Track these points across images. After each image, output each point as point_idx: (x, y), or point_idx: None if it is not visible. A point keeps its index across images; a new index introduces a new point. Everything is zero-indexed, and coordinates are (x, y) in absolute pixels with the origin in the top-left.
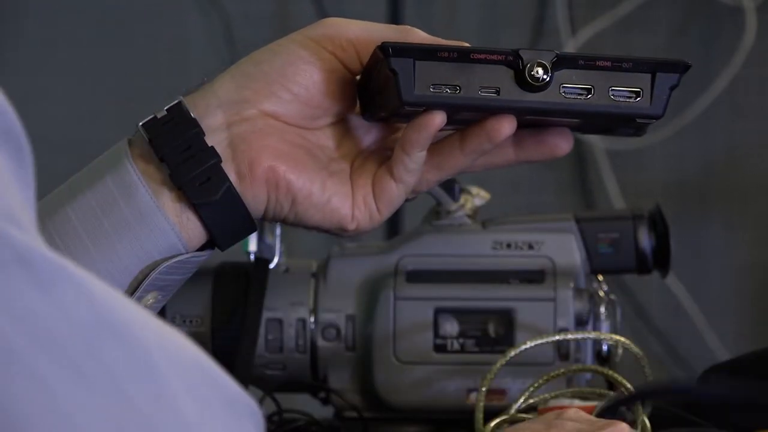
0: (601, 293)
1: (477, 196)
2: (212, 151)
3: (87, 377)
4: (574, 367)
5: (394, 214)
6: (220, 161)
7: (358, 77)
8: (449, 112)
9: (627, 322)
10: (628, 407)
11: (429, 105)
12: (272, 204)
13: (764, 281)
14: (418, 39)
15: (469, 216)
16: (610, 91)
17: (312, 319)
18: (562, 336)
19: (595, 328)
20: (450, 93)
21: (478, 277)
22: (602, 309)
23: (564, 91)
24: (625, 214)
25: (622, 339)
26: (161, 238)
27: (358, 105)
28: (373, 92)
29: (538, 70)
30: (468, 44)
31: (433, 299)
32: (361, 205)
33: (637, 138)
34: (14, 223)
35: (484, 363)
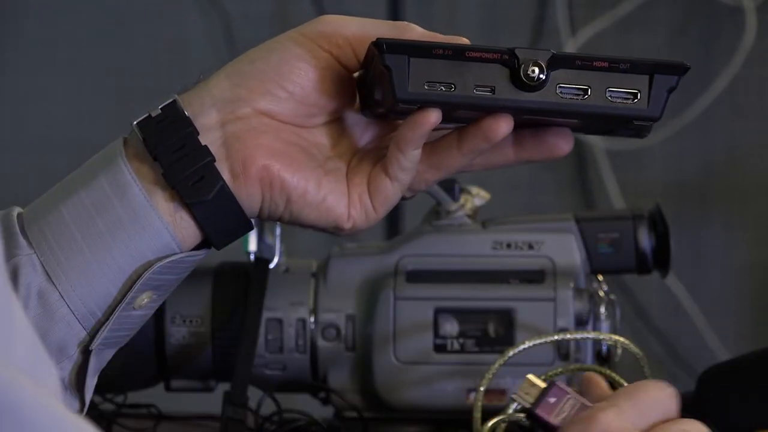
0: (601, 293)
1: (477, 196)
2: (206, 150)
3: None
4: (573, 366)
5: (394, 214)
6: (214, 160)
7: (356, 74)
8: (444, 110)
9: (627, 322)
10: None
11: (423, 102)
12: (267, 203)
13: (764, 281)
14: (415, 35)
15: (469, 216)
16: (607, 91)
17: (312, 319)
18: (562, 336)
19: (595, 328)
20: (445, 91)
21: (478, 277)
22: (602, 309)
23: (560, 91)
24: (625, 214)
25: (621, 339)
26: (155, 237)
27: (357, 102)
28: (370, 89)
29: (534, 69)
30: (466, 41)
31: (433, 299)
32: (356, 203)
33: (639, 138)
34: None
35: (484, 363)
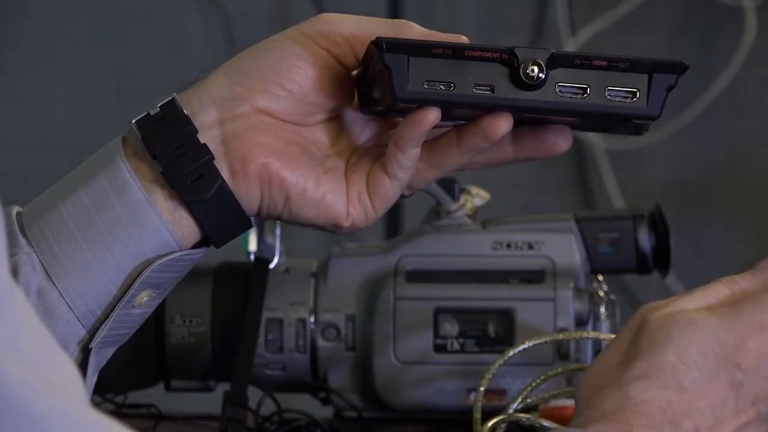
0: (601, 293)
1: (477, 196)
2: (205, 149)
3: None
4: (573, 366)
5: (394, 214)
6: (213, 159)
7: (355, 72)
8: (444, 109)
9: (627, 322)
10: None
11: (422, 101)
12: (266, 201)
13: None
14: (414, 33)
15: (469, 216)
16: (606, 90)
17: (312, 319)
18: (562, 336)
19: (595, 328)
20: (444, 90)
21: (478, 277)
22: (602, 309)
23: (559, 90)
24: (625, 214)
25: None
26: (154, 235)
27: (355, 100)
28: (369, 87)
29: (533, 68)
30: (465, 39)
31: (433, 299)
32: (355, 201)
33: (638, 138)
34: None
35: (484, 363)
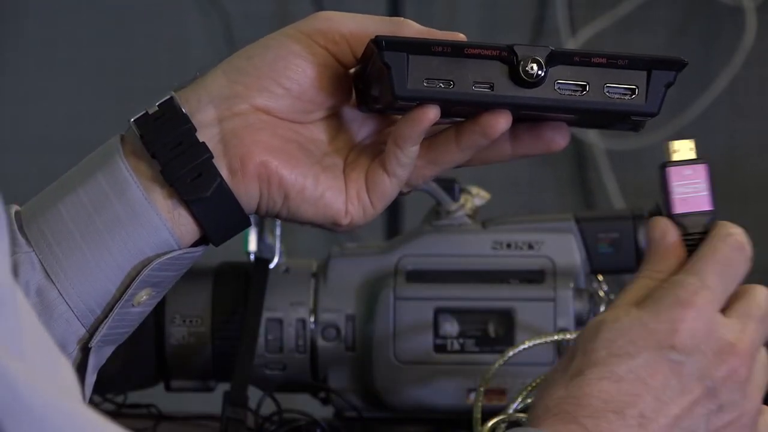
0: (601, 293)
1: (477, 196)
2: (204, 147)
3: None
4: None
5: (394, 214)
6: (212, 157)
7: (353, 70)
8: (443, 107)
9: None
10: None
11: (422, 99)
12: (265, 199)
13: (764, 281)
14: (412, 31)
15: (469, 216)
16: (605, 87)
17: (312, 319)
18: (562, 336)
19: None
20: (443, 88)
21: (478, 277)
22: (602, 309)
23: (558, 88)
24: (625, 214)
25: None
26: (153, 234)
27: (353, 98)
28: (368, 85)
29: (533, 66)
30: (463, 37)
31: (433, 299)
32: (354, 199)
33: (638, 138)
34: None
35: (484, 363)
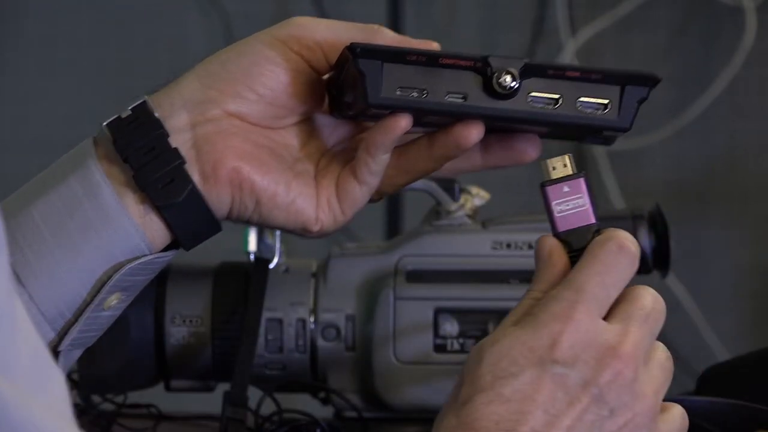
0: None
1: (477, 196)
2: (176, 153)
3: None
4: None
5: (394, 214)
6: (184, 163)
7: (326, 76)
8: (416, 116)
9: None
10: None
11: (395, 108)
12: (236, 205)
13: (764, 281)
14: (386, 39)
15: (469, 216)
16: (578, 101)
17: (312, 319)
18: None
19: None
20: (417, 97)
21: (478, 277)
22: None
23: (532, 100)
24: (625, 214)
25: None
26: (125, 239)
27: (326, 103)
28: (341, 91)
29: (506, 78)
30: (438, 46)
31: (433, 299)
32: (324, 206)
33: (637, 138)
34: None
35: None
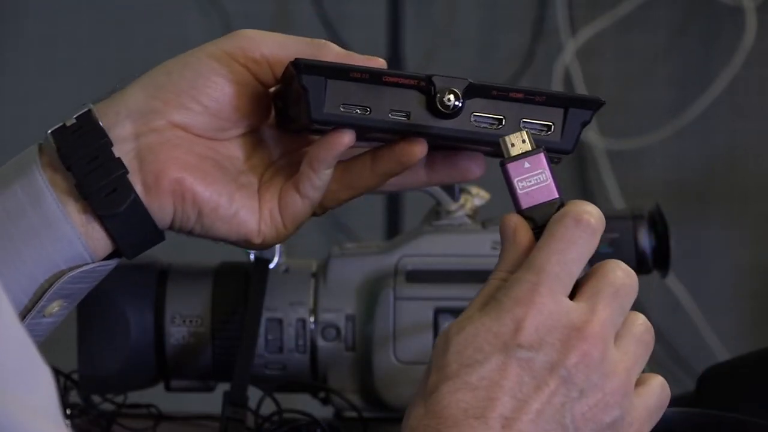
0: None
1: (477, 196)
2: (119, 163)
3: None
4: None
5: (394, 214)
6: (127, 173)
7: (273, 89)
8: (359, 132)
9: None
10: None
11: (338, 124)
12: (179, 216)
13: (764, 281)
14: (331, 55)
15: (469, 216)
16: (521, 122)
17: (312, 319)
18: None
19: None
20: (360, 114)
21: (478, 277)
22: None
23: (475, 120)
24: (625, 214)
25: None
26: (67, 247)
27: (273, 116)
28: (286, 106)
29: (450, 97)
30: (384, 63)
31: (433, 299)
32: (267, 219)
33: (637, 138)
34: None
35: None
